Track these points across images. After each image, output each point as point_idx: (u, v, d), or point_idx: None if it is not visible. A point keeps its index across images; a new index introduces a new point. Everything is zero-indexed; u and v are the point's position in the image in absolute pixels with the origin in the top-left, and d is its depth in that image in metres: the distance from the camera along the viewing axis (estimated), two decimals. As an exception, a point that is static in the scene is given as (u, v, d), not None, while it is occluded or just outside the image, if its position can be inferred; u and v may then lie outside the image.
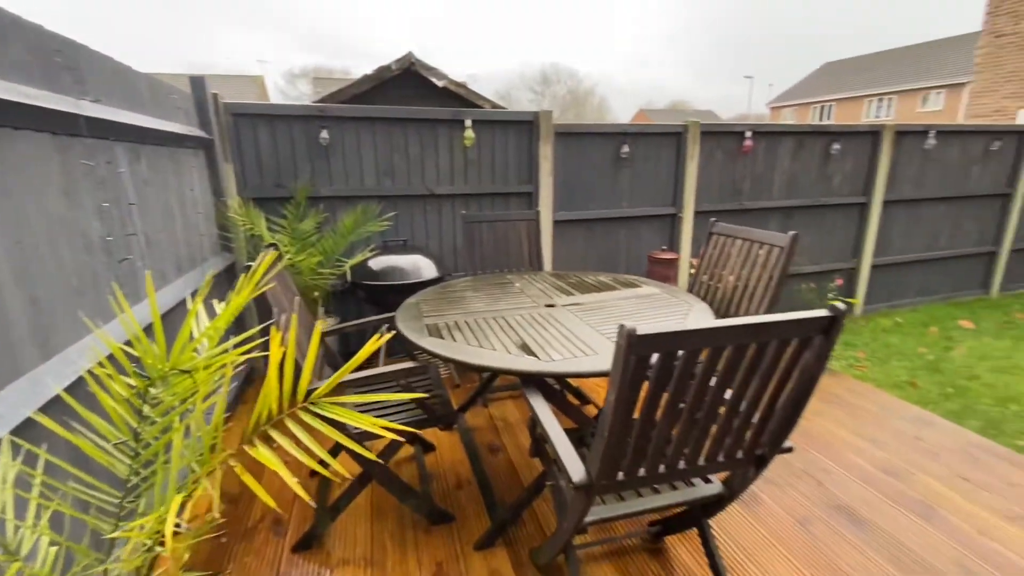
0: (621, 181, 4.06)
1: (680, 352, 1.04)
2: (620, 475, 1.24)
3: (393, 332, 1.77)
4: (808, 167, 4.55)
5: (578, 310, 2.13)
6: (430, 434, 2.66)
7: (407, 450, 2.50)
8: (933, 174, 4.97)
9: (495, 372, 1.55)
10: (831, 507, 2.10)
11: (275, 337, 1.01)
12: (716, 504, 1.54)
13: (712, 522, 2.00)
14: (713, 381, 1.12)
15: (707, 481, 1.52)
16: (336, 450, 2.24)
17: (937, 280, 5.44)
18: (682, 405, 1.14)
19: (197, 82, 2.90)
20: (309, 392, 1.04)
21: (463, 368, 2.73)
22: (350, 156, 3.39)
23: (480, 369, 1.63)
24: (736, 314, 2.37)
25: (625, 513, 1.39)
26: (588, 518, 1.33)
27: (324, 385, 1.03)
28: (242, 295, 1.05)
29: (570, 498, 1.31)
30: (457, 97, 7.16)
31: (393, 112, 3.41)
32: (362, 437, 1.76)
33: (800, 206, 4.60)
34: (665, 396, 1.12)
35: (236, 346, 1.07)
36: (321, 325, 2.95)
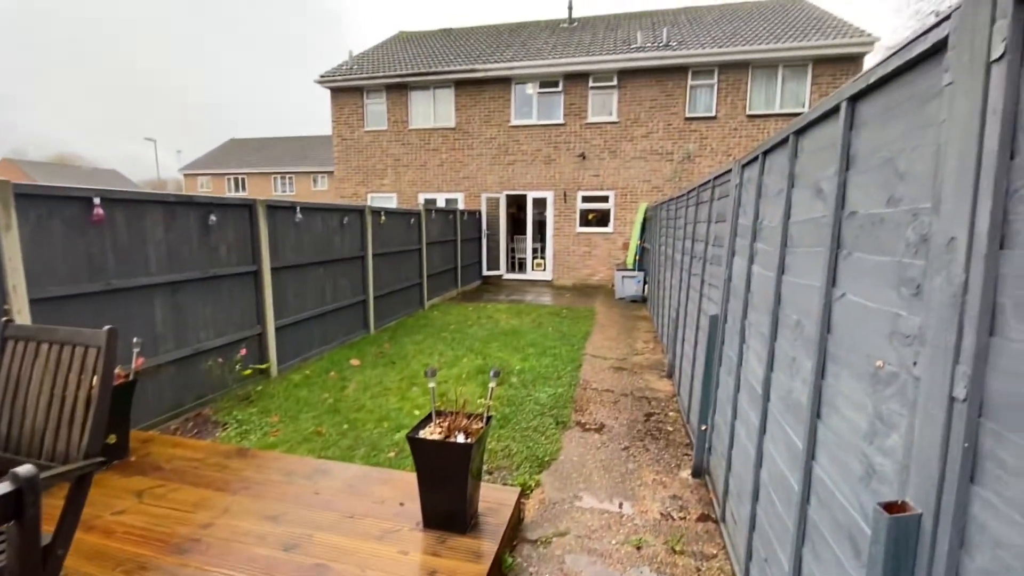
0: None
1: None
2: None
3: None
4: (189, 238, 4.26)
5: None
6: None
7: None
8: (309, 242, 5.83)
9: None
10: (227, 635, 1.79)
11: None
12: None
13: None
14: None
15: None
16: None
17: (333, 329, 6.44)
18: None
19: None
20: None
21: None
22: None
23: None
24: (50, 451, 1.68)
25: None
26: None
27: None
28: None
29: None
30: None
31: None
32: None
33: (189, 279, 4.24)
34: None
35: None
36: None
